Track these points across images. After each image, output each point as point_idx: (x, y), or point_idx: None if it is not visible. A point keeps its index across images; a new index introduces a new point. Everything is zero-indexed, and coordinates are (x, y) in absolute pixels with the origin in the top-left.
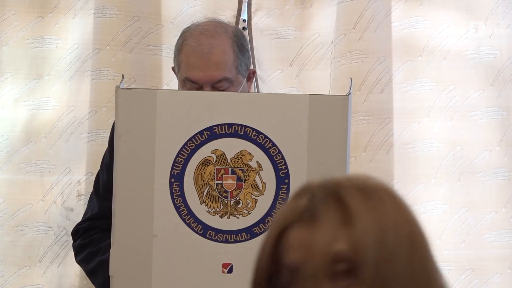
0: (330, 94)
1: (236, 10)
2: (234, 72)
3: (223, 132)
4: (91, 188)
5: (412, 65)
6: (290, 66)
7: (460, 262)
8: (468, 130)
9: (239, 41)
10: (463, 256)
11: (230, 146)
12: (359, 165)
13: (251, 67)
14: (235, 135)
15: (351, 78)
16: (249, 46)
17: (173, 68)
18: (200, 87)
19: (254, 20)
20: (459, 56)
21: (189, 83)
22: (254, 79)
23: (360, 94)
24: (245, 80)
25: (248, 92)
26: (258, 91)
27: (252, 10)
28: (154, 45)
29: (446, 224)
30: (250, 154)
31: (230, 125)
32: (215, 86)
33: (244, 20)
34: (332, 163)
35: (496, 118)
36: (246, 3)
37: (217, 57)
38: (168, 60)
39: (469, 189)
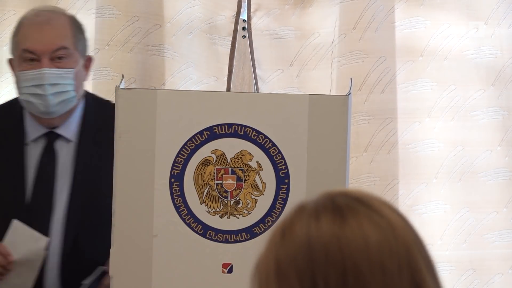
0: (331, 94)
1: (236, 10)
2: (72, 46)
3: (223, 132)
4: None
5: (413, 65)
6: (290, 66)
7: (461, 262)
8: (469, 130)
9: (76, 22)
10: (464, 256)
11: (230, 146)
12: (360, 165)
13: (89, 55)
14: (235, 135)
15: (351, 78)
16: (85, 33)
17: (10, 60)
18: (38, 59)
19: (253, 20)
20: (460, 56)
21: (26, 54)
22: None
23: (361, 94)
24: (82, 62)
25: (85, 80)
26: (258, 91)
27: (252, 10)
28: (153, 45)
29: (447, 224)
30: (250, 154)
31: (230, 125)
32: (53, 55)
33: (243, 20)
34: (332, 163)
35: (497, 118)
36: (246, 3)
37: (56, 27)
38: (168, 60)
39: (470, 189)
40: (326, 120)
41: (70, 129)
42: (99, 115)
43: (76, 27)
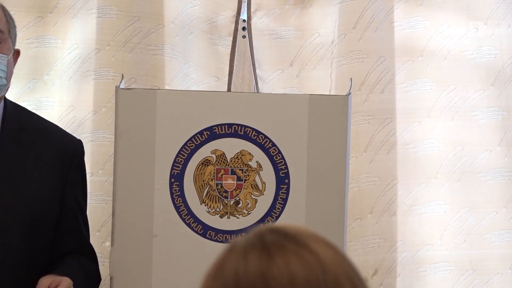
0: (331, 94)
1: (236, 10)
2: (7, 31)
3: (223, 132)
4: (91, 189)
5: (413, 65)
6: (290, 66)
7: (461, 262)
8: (468, 130)
9: (7, 11)
10: (464, 256)
11: (230, 146)
12: (360, 165)
13: (17, 48)
14: (235, 135)
15: (351, 78)
16: (14, 22)
17: None
18: None
19: (253, 20)
20: (460, 56)
21: None
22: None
23: (361, 94)
24: (12, 52)
25: (12, 72)
26: (258, 91)
27: (252, 10)
28: (155, 45)
29: (447, 224)
30: (250, 154)
31: (230, 125)
32: None
33: (244, 20)
34: (332, 163)
35: (496, 118)
36: (246, 3)
37: None
38: (169, 60)
39: (469, 189)
40: (326, 120)
41: None
42: (19, 116)
43: (8, 14)
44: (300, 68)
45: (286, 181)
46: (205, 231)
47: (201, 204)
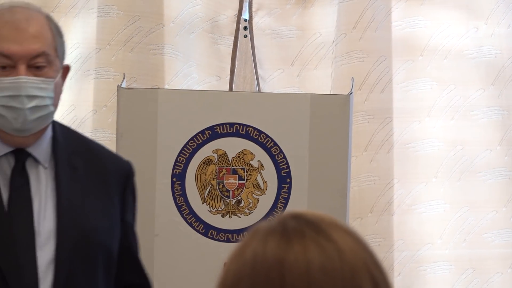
0: (332, 93)
1: (237, 10)
2: (53, 52)
3: (225, 131)
4: None
5: (413, 64)
6: (291, 66)
7: (461, 261)
8: (468, 130)
9: (53, 22)
10: (464, 256)
11: (232, 146)
12: (360, 164)
13: (66, 64)
14: (236, 134)
15: (352, 78)
16: (63, 36)
17: None
18: (13, 64)
19: (255, 20)
20: (460, 55)
21: (0, 58)
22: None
23: (361, 94)
24: (61, 71)
25: (61, 92)
26: (259, 91)
27: (253, 9)
28: (155, 45)
29: (447, 223)
30: (251, 153)
31: (231, 124)
32: (32, 63)
33: (245, 20)
34: (334, 163)
35: (496, 117)
36: (247, 3)
37: (35, 29)
38: (170, 59)
39: (469, 189)
40: (327, 119)
41: (41, 150)
42: (69, 139)
43: (56, 29)
44: (301, 68)
45: (288, 180)
46: (206, 230)
47: (202, 204)
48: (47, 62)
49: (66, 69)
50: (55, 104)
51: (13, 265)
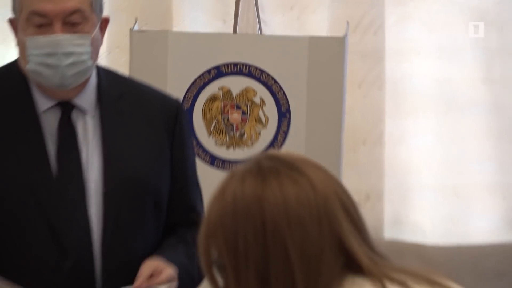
0: (328, 36)
1: None
2: (89, 7)
3: (229, 70)
4: None
5: (404, 9)
6: (291, 10)
7: (446, 189)
8: (455, 68)
9: None
10: (448, 184)
11: (236, 83)
12: (354, 100)
13: (105, 16)
14: (240, 73)
15: (347, 21)
16: None
17: (10, 20)
18: (49, 22)
19: None
20: (448, 0)
21: (36, 17)
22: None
23: (355, 36)
24: (98, 25)
25: (100, 44)
26: (261, 33)
27: None
28: None
29: (433, 155)
30: (254, 90)
31: (235, 64)
32: (67, 20)
33: None
34: (330, 99)
35: (480, 57)
36: None
37: None
38: (178, 4)
39: (455, 123)
40: (324, 59)
41: (86, 99)
42: (114, 84)
43: None
44: (300, 12)
45: (287, 115)
46: (212, 160)
47: (209, 137)
48: (83, 18)
49: (105, 21)
50: (94, 58)
51: (63, 219)
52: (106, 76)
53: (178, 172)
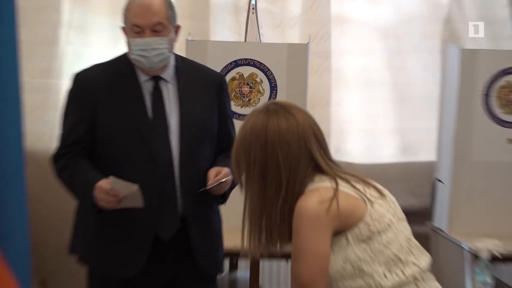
0: (299, 43)
1: (248, 0)
2: (166, 20)
3: (242, 63)
4: None
5: (342, 28)
6: (277, 28)
7: (366, 131)
8: (370, 61)
9: (169, 2)
10: (368, 128)
11: (246, 70)
12: (313, 80)
13: (177, 24)
14: (248, 64)
15: (309, 35)
16: (174, 8)
17: (123, 28)
18: (142, 30)
19: (258, 4)
20: (365, 24)
21: (134, 28)
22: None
23: (314, 43)
24: (173, 30)
25: (175, 41)
26: (260, 42)
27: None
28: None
29: (358, 112)
30: (256, 74)
31: (246, 59)
32: (153, 29)
33: (253, 5)
34: (299, 79)
35: (385, 56)
36: None
37: (155, 8)
38: (214, 26)
39: (370, 93)
40: (296, 57)
41: (168, 74)
42: (185, 65)
43: (169, 6)
44: (283, 29)
45: (275, 89)
46: (232, 114)
47: (231, 101)
48: (163, 27)
49: (177, 27)
50: (170, 50)
51: (155, 145)
52: (181, 60)
53: (222, 118)
